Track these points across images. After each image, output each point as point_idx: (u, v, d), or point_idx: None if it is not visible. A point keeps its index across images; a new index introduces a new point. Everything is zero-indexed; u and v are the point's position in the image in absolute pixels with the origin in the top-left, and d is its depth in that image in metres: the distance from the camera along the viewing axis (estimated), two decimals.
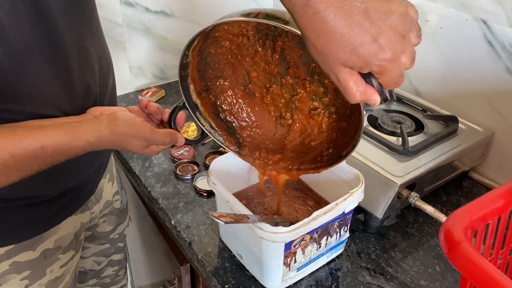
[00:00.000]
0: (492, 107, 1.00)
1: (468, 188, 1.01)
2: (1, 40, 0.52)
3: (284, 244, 0.66)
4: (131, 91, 1.37)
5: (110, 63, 0.76)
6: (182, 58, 0.66)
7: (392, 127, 0.97)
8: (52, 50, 0.59)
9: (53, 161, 0.59)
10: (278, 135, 0.75)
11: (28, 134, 0.56)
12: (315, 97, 0.70)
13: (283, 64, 0.69)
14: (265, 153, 0.74)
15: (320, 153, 0.71)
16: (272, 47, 0.67)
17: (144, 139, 0.65)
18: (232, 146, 0.75)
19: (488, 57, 0.97)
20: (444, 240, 0.56)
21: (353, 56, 0.40)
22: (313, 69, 0.67)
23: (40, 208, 0.71)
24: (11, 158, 0.54)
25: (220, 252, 0.83)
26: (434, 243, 0.87)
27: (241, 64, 0.71)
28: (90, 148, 0.61)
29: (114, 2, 1.20)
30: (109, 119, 0.63)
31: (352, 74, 0.43)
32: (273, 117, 0.74)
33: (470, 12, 0.97)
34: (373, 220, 0.87)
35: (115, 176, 0.96)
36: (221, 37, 0.67)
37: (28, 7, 0.54)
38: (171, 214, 0.91)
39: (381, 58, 0.40)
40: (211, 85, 0.72)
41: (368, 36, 0.40)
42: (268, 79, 0.71)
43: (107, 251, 1.00)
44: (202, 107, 0.73)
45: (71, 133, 0.59)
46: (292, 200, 0.86)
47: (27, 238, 0.72)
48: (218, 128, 0.75)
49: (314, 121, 0.72)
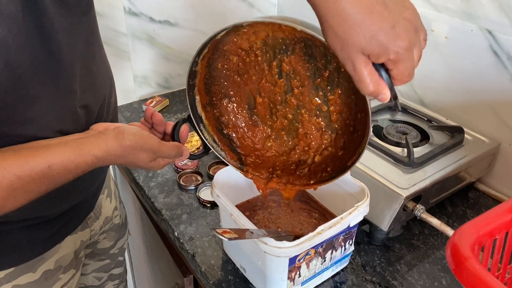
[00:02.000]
0: (498, 118, 0.99)
1: (474, 200, 1.00)
2: (7, 63, 0.51)
3: (289, 258, 0.66)
4: (135, 100, 1.37)
5: (112, 79, 0.75)
6: (192, 65, 0.65)
7: (397, 138, 0.96)
8: (55, 72, 0.58)
9: (60, 180, 0.57)
10: (282, 154, 0.74)
11: (34, 154, 0.55)
12: (319, 112, 0.69)
13: (288, 83, 0.69)
14: (268, 172, 0.73)
15: (324, 168, 0.71)
16: (279, 65, 0.67)
17: (152, 152, 0.65)
18: (234, 161, 0.75)
19: (494, 67, 0.96)
20: (451, 256, 0.55)
21: (373, 41, 0.43)
22: (319, 84, 0.67)
23: (40, 229, 0.70)
24: (18, 181, 0.52)
25: (223, 265, 0.82)
26: (440, 256, 0.86)
27: (246, 85, 0.71)
28: (98, 163, 0.60)
29: (119, 11, 1.21)
30: (116, 132, 0.62)
31: (367, 64, 0.45)
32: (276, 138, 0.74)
33: (476, 22, 0.97)
34: (378, 232, 0.86)
35: (113, 191, 0.95)
36: (229, 51, 0.66)
37: (32, 29, 0.53)
38: (174, 226, 0.90)
39: (399, 45, 0.43)
40: (216, 101, 0.72)
41: (387, 23, 0.43)
42: (273, 100, 0.71)
43: (107, 266, 0.99)
44: (206, 121, 0.73)
45: (78, 149, 0.58)
46: (297, 212, 0.85)
47: (27, 260, 0.71)
48: (220, 143, 0.75)
49: (318, 138, 0.71)
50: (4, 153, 0.54)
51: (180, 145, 0.70)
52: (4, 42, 0.49)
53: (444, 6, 1.02)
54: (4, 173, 0.52)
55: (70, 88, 0.61)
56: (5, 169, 0.52)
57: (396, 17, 0.43)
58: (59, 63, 0.58)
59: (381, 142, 0.95)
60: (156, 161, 0.67)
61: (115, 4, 1.19)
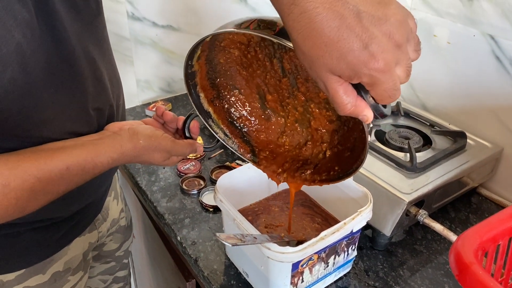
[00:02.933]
0: (500, 123, 0.99)
1: (477, 204, 1.00)
2: (22, 68, 0.51)
3: (292, 264, 0.66)
4: (138, 105, 1.37)
5: (120, 81, 0.76)
6: (186, 68, 0.65)
7: (400, 143, 0.96)
8: (68, 75, 0.59)
9: (78, 181, 0.58)
10: (296, 146, 0.73)
11: (52, 156, 0.56)
12: (328, 106, 0.68)
13: (292, 79, 0.68)
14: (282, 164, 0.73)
15: (330, 167, 0.70)
16: (280, 61, 0.66)
17: (166, 151, 0.66)
18: (247, 154, 0.73)
19: (496, 72, 0.96)
20: (454, 262, 0.55)
21: (341, 62, 0.37)
22: None
23: (50, 231, 0.70)
24: (38, 182, 0.54)
25: (226, 270, 0.82)
26: (443, 261, 0.85)
27: (253, 78, 0.70)
28: (114, 164, 0.61)
29: (122, 16, 1.21)
30: (130, 133, 0.63)
31: (341, 83, 0.39)
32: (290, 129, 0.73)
33: (478, 27, 0.97)
34: (381, 237, 0.86)
35: (119, 193, 0.96)
36: (228, 46, 0.66)
37: (44, 33, 0.54)
38: (176, 230, 0.90)
39: (371, 68, 0.36)
40: (224, 93, 0.71)
41: (358, 42, 0.36)
42: (281, 95, 0.71)
43: (113, 269, 1.00)
44: (215, 115, 0.72)
45: (94, 151, 0.59)
46: (300, 217, 0.85)
47: (37, 262, 0.71)
48: (232, 136, 0.73)
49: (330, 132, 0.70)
50: (22, 155, 0.55)
51: (193, 142, 0.71)
52: (20, 47, 0.50)
53: (446, 11, 1.02)
54: (24, 176, 0.53)
55: (82, 91, 0.62)
56: (25, 171, 0.53)
57: (371, 32, 0.36)
58: (72, 66, 0.59)
59: (384, 147, 0.95)
60: (170, 159, 0.68)
61: (118, 9, 1.20)
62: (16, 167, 0.53)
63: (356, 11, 0.36)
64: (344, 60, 0.36)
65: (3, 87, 0.50)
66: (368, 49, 0.36)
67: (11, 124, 0.54)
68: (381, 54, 0.36)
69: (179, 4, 1.30)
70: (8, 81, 0.50)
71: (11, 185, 0.52)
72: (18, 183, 0.52)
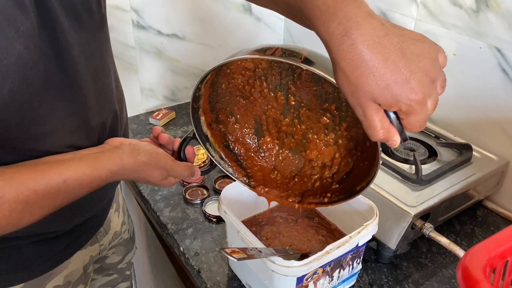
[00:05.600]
0: (506, 135, 0.98)
1: (482, 218, 0.99)
2: (22, 79, 0.51)
3: (296, 278, 0.65)
4: (141, 113, 1.37)
5: (122, 94, 0.76)
6: (195, 92, 0.65)
7: (405, 155, 0.95)
8: (68, 87, 0.58)
9: (75, 195, 0.57)
10: (289, 172, 0.74)
11: (50, 169, 0.55)
12: (327, 131, 0.69)
13: (296, 107, 0.69)
14: (277, 183, 0.73)
15: (330, 189, 0.70)
16: (286, 90, 0.67)
17: (165, 170, 0.66)
18: (241, 177, 0.75)
19: (503, 85, 0.96)
20: (462, 279, 0.54)
21: (386, 92, 0.41)
22: (326, 109, 0.66)
23: (50, 244, 0.70)
24: (33, 195, 0.52)
25: (229, 282, 0.81)
26: (449, 275, 0.84)
27: (252, 109, 0.71)
28: (112, 178, 0.60)
29: (127, 25, 1.21)
30: (131, 148, 0.63)
31: (378, 111, 0.43)
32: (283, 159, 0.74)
33: (484, 40, 0.97)
34: (386, 250, 0.85)
35: (121, 206, 0.95)
36: (233, 72, 0.67)
37: (46, 44, 0.53)
38: (179, 240, 0.90)
39: (412, 99, 0.41)
40: (221, 118, 0.72)
41: (402, 76, 0.41)
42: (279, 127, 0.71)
43: (115, 281, 0.98)
44: (212, 138, 0.73)
45: (93, 164, 0.58)
46: (304, 229, 0.84)
47: (37, 276, 0.70)
48: (227, 159, 0.74)
49: (326, 158, 0.71)
50: (19, 168, 0.54)
51: (192, 166, 0.71)
52: (21, 58, 0.50)
53: (452, 23, 1.02)
54: (20, 188, 0.52)
55: (83, 103, 0.61)
56: (22, 183, 0.52)
57: (412, 68, 0.41)
58: (72, 78, 0.58)
59: (389, 159, 0.94)
60: (167, 179, 0.68)
61: (124, 17, 1.20)
62: (12, 179, 0.52)
63: (400, 48, 0.41)
64: (389, 90, 0.41)
65: (2, 99, 0.49)
66: (410, 83, 0.41)
67: (10, 136, 0.54)
68: (421, 88, 0.41)
69: (185, 13, 1.30)
70: (8, 92, 0.49)
71: (5, 196, 0.50)
72: (13, 195, 0.51)
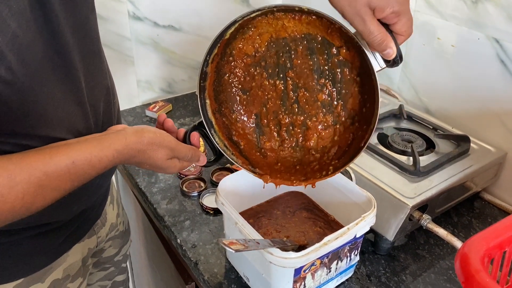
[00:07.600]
0: (504, 127, 0.98)
1: (479, 209, 0.99)
2: (21, 59, 0.51)
3: (294, 269, 0.65)
4: (138, 105, 1.36)
5: (112, 80, 0.76)
6: (203, 65, 0.66)
7: (403, 146, 0.95)
8: (64, 69, 0.58)
9: (85, 176, 0.57)
10: (292, 163, 0.73)
11: (57, 152, 0.55)
12: (324, 110, 0.69)
13: (294, 89, 0.69)
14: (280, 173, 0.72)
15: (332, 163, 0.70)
16: (284, 74, 0.68)
17: (169, 149, 0.65)
18: (245, 165, 0.73)
19: (501, 76, 0.95)
20: (461, 269, 0.54)
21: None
22: (322, 85, 0.67)
23: (49, 237, 0.69)
24: (45, 177, 0.52)
25: (226, 273, 0.81)
26: (446, 266, 0.84)
27: (253, 102, 0.72)
28: (119, 158, 0.60)
29: (123, 16, 1.20)
30: (135, 129, 0.63)
31: (374, 18, 0.54)
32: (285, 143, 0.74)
33: (483, 30, 0.96)
34: (384, 242, 0.85)
35: (115, 198, 0.95)
36: (235, 59, 0.68)
37: (40, 25, 0.53)
38: (177, 232, 0.89)
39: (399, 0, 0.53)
40: (224, 110, 0.72)
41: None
42: (279, 116, 0.72)
43: (112, 274, 0.98)
44: (216, 126, 0.72)
45: (99, 145, 0.58)
46: (302, 221, 0.84)
47: (36, 270, 0.70)
48: (231, 149, 0.73)
49: (326, 141, 0.70)
50: (27, 153, 0.54)
51: (196, 149, 0.71)
52: (16, 37, 0.49)
53: (451, 14, 1.01)
54: (30, 170, 0.51)
55: (77, 85, 0.62)
56: (31, 165, 0.52)
57: None
58: (66, 60, 0.58)
59: (387, 150, 0.94)
60: (172, 160, 0.67)
61: (120, 8, 1.19)
62: (21, 161, 0.52)
63: None
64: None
65: (2, 77, 0.49)
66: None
67: (11, 118, 0.53)
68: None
69: (181, 5, 1.29)
70: (5, 70, 0.49)
71: (17, 178, 0.50)
72: (25, 176, 0.51)
